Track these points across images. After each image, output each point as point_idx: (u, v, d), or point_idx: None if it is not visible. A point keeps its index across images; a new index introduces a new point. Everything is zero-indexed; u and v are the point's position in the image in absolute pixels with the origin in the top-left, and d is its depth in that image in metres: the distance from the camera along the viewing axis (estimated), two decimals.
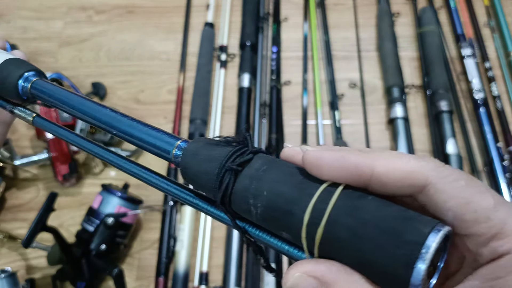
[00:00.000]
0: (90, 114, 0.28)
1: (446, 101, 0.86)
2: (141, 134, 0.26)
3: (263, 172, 0.20)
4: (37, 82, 0.30)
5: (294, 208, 0.19)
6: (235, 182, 0.20)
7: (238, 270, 0.75)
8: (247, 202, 0.20)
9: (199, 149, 0.22)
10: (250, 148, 0.21)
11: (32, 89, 0.30)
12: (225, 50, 0.98)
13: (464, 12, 1.01)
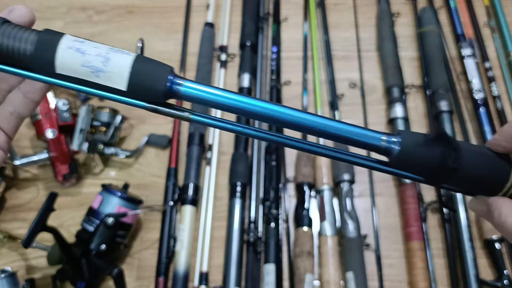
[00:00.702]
0: (275, 117, 0.30)
1: (446, 101, 0.86)
2: (352, 135, 0.30)
3: None
4: (186, 85, 0.30)
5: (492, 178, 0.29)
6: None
7: (238, 270, 0.75)
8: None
9: (417, 146, 0.29)
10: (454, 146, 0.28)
11: (183, 91, 0.30)
12: (225, 50, 0.98)
13: (464, 12, 1.01)
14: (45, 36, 0.28)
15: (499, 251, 0.75)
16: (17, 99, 0.31)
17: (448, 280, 0.75)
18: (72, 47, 0.28)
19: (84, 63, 0.28)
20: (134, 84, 0.29)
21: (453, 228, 0.77)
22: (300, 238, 0.76)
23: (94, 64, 0.28)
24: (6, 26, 0.28)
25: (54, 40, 0.28)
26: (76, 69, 0.28)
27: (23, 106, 0.31)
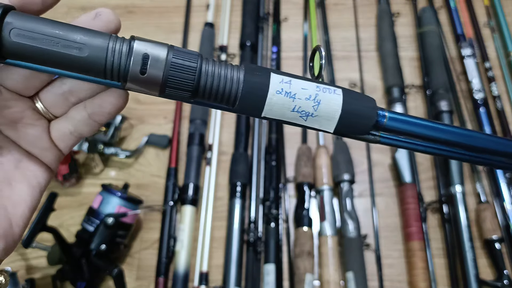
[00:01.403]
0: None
1: (446, 101, 0.86)
2: None
3: None
4: (390, 116, 0.28)
5: None
6: None
7: (238, 270, 0.75)
8: None
9: None
10: None
11: (388, 124, 0.28)
12: (225, 50, 0.98)
13: (464, 12, 1.01)
14: (253, 78, 0.26)
15: (499, 251, 0.75)
16: (81, 118, 0.28)
17: (448, 280, 0.75)
18: (282, 91, 0.26)
19: (294, 108, 0.26)
20: (342, 125, 0.27)
21: (453, 228, 0.77)
22: (300, 238, 0.76)
23: (304, 109, 0.26)
24: (208, 61, 0.26)
25: (263, 84, 0.26)
26: (284, 114, 0.26)
27: (86, 127, 0.28)
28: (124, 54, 0.24)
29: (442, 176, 0.82)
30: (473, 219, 0.79)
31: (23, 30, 0.23)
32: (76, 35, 0.24)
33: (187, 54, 0.25)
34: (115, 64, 0.24)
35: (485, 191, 0.81)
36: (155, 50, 0.24)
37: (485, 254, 0.77)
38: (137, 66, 0.24)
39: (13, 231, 0.26)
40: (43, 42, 0.23)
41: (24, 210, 0.27)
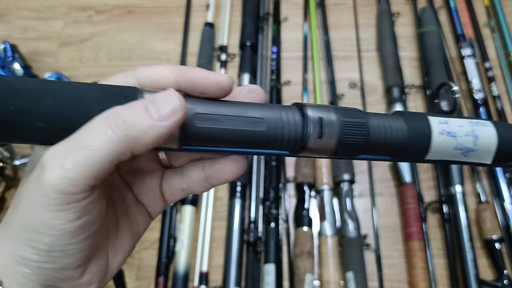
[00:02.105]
0: None
1: (446, 101, 0.86)
2: None
3: None
4: None
5: None
6: None
7: (238, 270, 0.75)
8: None
9: None
10: None
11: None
12: (225, 50, 0.98)
13: (464, 12, 1.01)
14: (416, 124, 0.26)
15: (499, 251, 0.75)
16: (197, 179, 0.27)
17: (448, 280, 0.75)
18: (443, 132, 0.26)
19: (456, 146, 0.27)
20: (499, 154, 0.28)
21: (453, 228, 0.77)
22: (300, 238, 0.76)
23: (465, 145, 0.27)
24: (369, 115, 0.26)
25: (426, 128, 0.26)
26: (448, 154, 0.27)
27: (198, 188, 0.28)
28: (299, 122, 0.25)
29: (442, 176, 0.82)
30: (473, 219, 0.79)
31: (206, 114, 0.23)
32: (253, 111, 0.24)
33: (351, 112, 0.26)
34: (292, 133, 0.24)
35: (485, 191, 0.81)
36: (325, 113, 0.25)
37: (485, 254, 0.77)
38: (316, 131, 0.24)
39: (106, 279, 0.26)
40: (226, 123, 0.24)
41: (121, 259, 0.27)
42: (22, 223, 0.22)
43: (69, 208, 0.21)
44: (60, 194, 0.21)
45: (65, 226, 0.22)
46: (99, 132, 0.21)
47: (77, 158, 0.21)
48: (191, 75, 0.24)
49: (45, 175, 0.21)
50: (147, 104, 0.22)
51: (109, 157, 0.21)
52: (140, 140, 0.22)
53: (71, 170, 0.21)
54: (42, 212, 0.21)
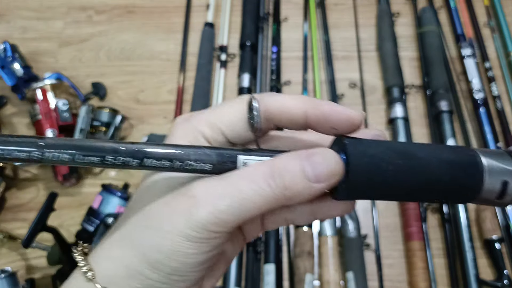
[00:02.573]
0: None
1: (446, 101, 0.86)
2: None
3: None
4: None
5: None
6: None
7: (238, 270, 0.75)
8: None
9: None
10: None
11: None
12: (225, 50, 0.98)
13: (464, 12, 1.01)
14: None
15: (499, 251, 0.75)
16: (303, 211, 0.27)
17: (448, 280, 0.75)
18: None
19: None
20: None
21: (453, 228, 0.77)
22: (300, 238, 0.76)
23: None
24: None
25: None
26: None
27: (303, 220, 0.27)
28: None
29: None
30: (473, 219, 0.79)
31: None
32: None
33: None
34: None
35: None
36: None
37: (485, 254, 0.77)
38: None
39: None
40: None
41: (213, 283, 0.27)
42: (155, 245, 0.22)
43: (208, 242, 0.22)
44: (207, 231, 0.22)
45: (197, 256, 0.23)
46: (258, 186, 0.22)
47: (232, 203, 0.22)
48: (323, 109, 0.24)
49: (198, 211, 0.22)
50: (305, 164, 0.22)
51: (261, 209, 0.22)
52: (293, 199, 0.22)
53: (224, 213, 0.22)
54: (181, 240, 0.22)
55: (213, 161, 0.23)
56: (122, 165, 0.22)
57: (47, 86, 0.86)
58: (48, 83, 0.86)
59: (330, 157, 0.22)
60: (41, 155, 0.21)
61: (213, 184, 0.23)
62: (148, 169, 0.23)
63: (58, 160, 0.21)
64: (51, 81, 0.87)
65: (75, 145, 0.21)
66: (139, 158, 0.22)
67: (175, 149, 0.23)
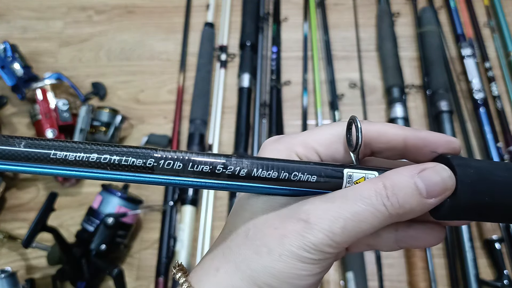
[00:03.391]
0: None
1: (446, 101, 0.86)
2: None
3: None
4: None
5: None
6: None
7: None
8: None
9: None
10: None
11: None
12: (225, 50, 0.98)
13: (464, 12, 1.01)
14: None
15: (499, 251, 0.75)
16: (386, 239, 0.26)
17: (448, 280, 0.75)
18: None
19: None
20: None
21: (453, 228, 0.77)
22: None
23: None
24: None
25: None
26: None
27: (386, 247, 0.27)
28: None
29: None
30: None
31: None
32: None
33: None
34: None
35: None
36: None
37: (485, 254, 0.77)
38: None
39: None
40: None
41: None
42: (266, 268, 0.22)
43: (320, 263, 0.22)
44: (320, 252, 0.22)
45: (309, 278, 0.22)
46: (373, 207, 0.22)
47: (348, 226, 0.22)
48: (422, 134, 0.24)
49: (313, 233, 0.22)
50: (417, 180, 0.22)
51: (376, 228, 0.22)
52: (406, 216, 0.22)
53: (339, 236, 0.22)
54: (294, 262, 0.22)
55: (319, 173, 0.23)
56: (229, 175, 0.22)
57: (47, 86, 0.86)
58: (48, 83, 0.86)
59: (442, 171, 0.22)
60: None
61: (325, 206, 0.22)
62: (255, 181, 0.22)
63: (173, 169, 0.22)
64: (51, 81, 0.87)
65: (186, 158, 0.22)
66: (248, 170, 0.22)
67: (282, 161, 0.23)
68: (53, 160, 0.21)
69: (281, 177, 0.22)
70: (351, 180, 0.23)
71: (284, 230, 0.22)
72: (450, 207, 0.22)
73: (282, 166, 0.23)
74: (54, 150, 0.21)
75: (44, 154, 0.21)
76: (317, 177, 0.23)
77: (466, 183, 0.22)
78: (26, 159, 0.21)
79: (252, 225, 0.24)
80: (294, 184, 0.23)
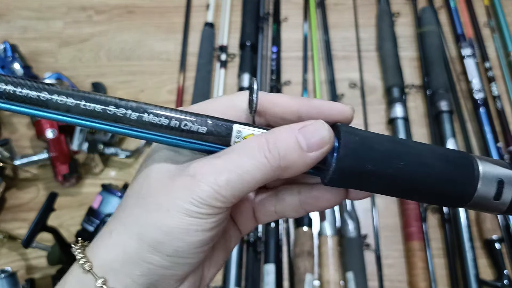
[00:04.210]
0: None
1: (446, 101, 0.86)
2: None
3: None
4: None
5: None
6: None
7: (238, 270, 0.75)
8: None
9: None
10: None
11: None
12: (225, 50, 0.98)
13: (464, 12, 1.01)
14: None
15: (499, 251, 0.75)
16: (291, 203, 0.27)
17: (448, 280, 0.75)
18: None
19: None
20: None
21: (453, 228, 0.77)
22: (300, 238, 0.76)
23: None
24: None
25: None
26: None
27: (292, 213, 0.28)
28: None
29: None
30: (473, 219, 0.79)
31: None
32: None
33: None
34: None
35: None
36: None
37: (485, 254, 0.77)
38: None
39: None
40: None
41: (214, 273, 0.28)
42: (155, 224, 0.23)
43: (209, 218, 0.23)
44: (207, 206, 0.22)
45: (199, 234, 0.23)
46: (255, 160, 0.23)
47: (232, 178, 0.22)
48: (316, 103, 0.26)
49: (199, 187, 0.22)
50: (297, 135, 0.23)
51: (259, 181, 0.23)
52: (289, 169, 0.23)
53: (224, 188, 0.22)
54: (183, 216, 0.22)
55: (208, 125, 0.24)
56: (121, 117, 0.23)
57: None
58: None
59: (321, 126, 0.23)
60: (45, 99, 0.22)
61: (211, 161, 0.23)
62: (145, 127, 0.23)
63: (64, 104, 0.22)
64: (51, 81, 0.87)
65: (81, 95, 0.23)
66: (140, 112, 0.23)
67: (174, 111, 0.24)
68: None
69: (172, 124, 0.23)
70: (240, 135, 0.24)
71: (173, 186, 0.23)
72: (334, 171, 0.23)
73: (172, 114, 0.23)
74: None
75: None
76: (207, 128, 0.24)
77: (349, 148, 0.23)
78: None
79: (145, 185, 0.24)
80: (186, 135, 0.24)
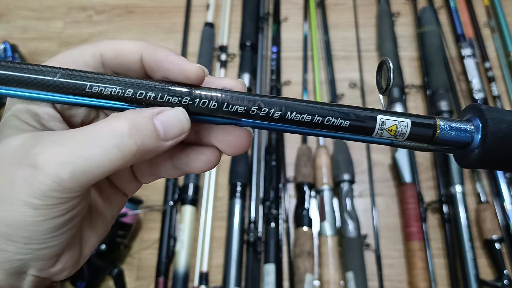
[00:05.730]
0: None
1: (446, 101, 0.86)
2: None
3: None
4: None
5: None
6: None
7: (238, 270, 0.75)
8: None
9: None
10: None
11: None
12: (225, 50, 0.98)
13: (464, 12, 1.01)
14: None
15: (499, 251, 0.75)
16: (164, 165, 0.27)
17: (448, 280, 0.75)
18: None
19: None
20: None
21: (453, 228, 0.77)
22: (300, 238, 0.76)
23: None
24: None
25: None
26: None
27: (168, 174, 0.27)
28: None
29: (442, 176, 0.82)
30: (473, 219, 0.79)
31: None
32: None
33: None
34: None
35: (485, 191, 0.81)
36: None
37: (485, 254, 0.77)
38: None
39: (79, 263, 0.26)
40: None
41: (95, 243, 0.27)
42: (2, 218, 0.21)
43: (55, 207, 0.21)
44: (50, 198, 0.21)
45: (49, 222, 0.21)
46: (107, 151, 0.21)
47: (77, 171, 0.20)
48: (158, 55, 0.23)
49: (39, 180, 0.20)
50: (157, 123, 0.22)
51: (110, 172, 0.21)
52: (141, 158, 0.22)
53: (68, 181, 0.20)
54: (26, 210, 0.21)
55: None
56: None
57: None
58: None
59: (181, 115, 0.22)
60: None
61: (54, 149, 0.21)
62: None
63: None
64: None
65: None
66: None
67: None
68: (89, 93, 0.22)
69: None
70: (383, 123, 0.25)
71: (14, 176, 0.21)
72: (477, 160, 0.24)
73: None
74: (90, 82, 0.22)
75: (82, 86, 0.22)
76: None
77: (496, 138, 0.24)
78: (62, 90, 0.22)
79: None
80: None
